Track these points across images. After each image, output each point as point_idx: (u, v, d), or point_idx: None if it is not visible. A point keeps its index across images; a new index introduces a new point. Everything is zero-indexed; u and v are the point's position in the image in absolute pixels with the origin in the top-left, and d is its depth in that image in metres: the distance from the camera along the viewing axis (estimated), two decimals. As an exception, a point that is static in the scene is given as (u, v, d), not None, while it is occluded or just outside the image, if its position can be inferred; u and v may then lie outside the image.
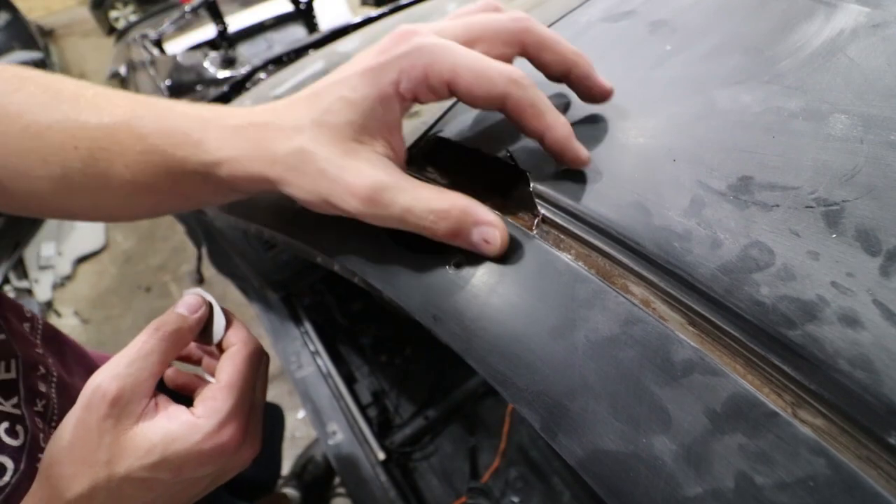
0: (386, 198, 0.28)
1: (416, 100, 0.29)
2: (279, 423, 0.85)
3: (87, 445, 0.29)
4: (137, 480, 0.29)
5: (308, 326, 1.11)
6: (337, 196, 0.28)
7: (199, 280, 2.15)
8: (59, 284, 2.43)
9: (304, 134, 0.28)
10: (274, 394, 1.65)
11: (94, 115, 0.31)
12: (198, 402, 0.32)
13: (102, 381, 0.29)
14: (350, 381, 1.11)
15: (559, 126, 0.29)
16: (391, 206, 0.28)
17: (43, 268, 2.46)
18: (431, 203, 0.28)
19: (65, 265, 2.48)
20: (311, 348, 1.08)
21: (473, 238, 0.29)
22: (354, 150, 0.28)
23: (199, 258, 2.01)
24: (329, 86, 0.29)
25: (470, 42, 0.29)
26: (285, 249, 0.95)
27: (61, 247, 2.55)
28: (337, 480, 1.39)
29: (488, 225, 0.29)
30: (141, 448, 0.29)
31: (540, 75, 0.33)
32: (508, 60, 0.30)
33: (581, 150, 0.30)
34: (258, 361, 0.35)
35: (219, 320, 0.35)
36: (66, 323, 2.24)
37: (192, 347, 0.40)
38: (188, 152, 0.31)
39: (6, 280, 2.38)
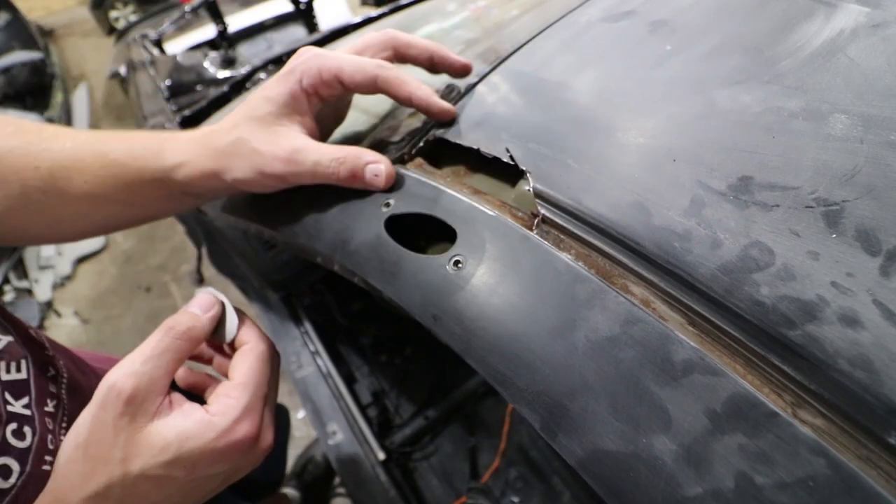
0: (300, 157, 0.36)
1: (318, 94, 0.37)
2: (284, 424, 0.85)
3: (103, 443, 0.29)
4: (152, 478, 0.29)
5: (308, 326, 1.11)
6: (267, 164, 0.36)
7: (199, 280, 2.15)
8: (59, 284, 2.42)
9: (238, 128, 0.37)
10: (274, 394, 1.65)
11: (56, 143, 0.37)
12: (212, 399, 0.32)
13: (118, 380, 0.29)
14: (350, 381, 1.11)
15: (421, 90, 0.37)
16: (305, 163, 0.36)
17: (43, 268, 2.45)
18: (332, 153, 0.36)
19: (65, 265, 2.48)
20: (311, 348, 1.08)
21: (367, 176, 0.36)
22: (276, 131, 0.37)
23: (199, 258, 2.01)
24: (255, 93, 0.38)
25: (356, 53, 0.38)
26: (285, 249, 0.95)
27: (61, 247, 2.55)
28: (337, 480, 1.38)
29: (375, 162, 0.36)
30: (156, 446, 0.29)
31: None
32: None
33: (443, 103, 0.38)
34: (271, 359, 0.35)
35: (231, 319, 0.35)
36: (66, 323, 2.23)
37: (203, 347, 0.40)
38: (148, 162, 0.37)
39: (6, 280, 2.38)
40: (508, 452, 1.06)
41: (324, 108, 0.40)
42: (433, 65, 0.40)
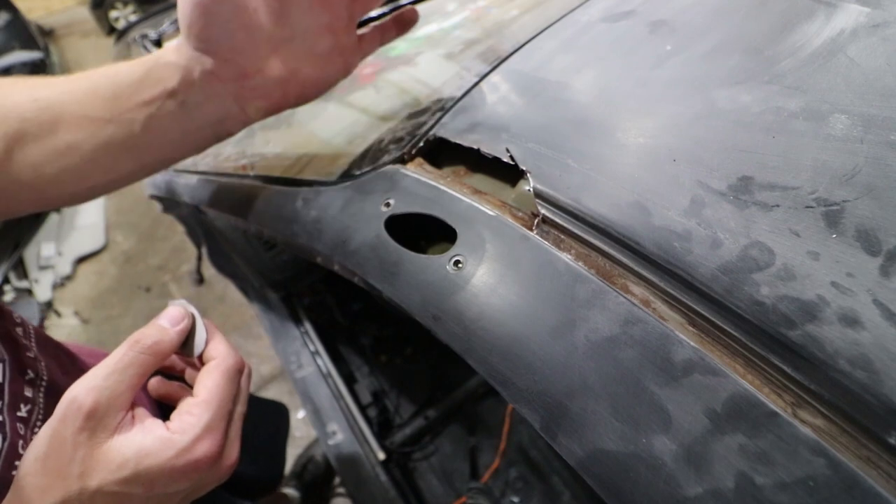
0: None
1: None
2: (284, 422, 0.85)
3: (61, 458, 0.28)
4: (110, 494, 0.29)
5: (308, 326, 1.11)
6: None
7: (200, 280, 2.15)
8: (59, 284, 2.42)
9: None
10: (274, 394, 1.65)
11: (52, 82, 0.37)
12: (174, 416, 0.32)
13: (78, 394, 0.29)
14: (350, 381, 1.11)
15: None
16: None
17: (43, 268, 2.45)
18: None
19: (65, 265, 2.47)
20: (311, 348, 1.08)
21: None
22: None
23: (199, 258, 2.01)
24: None
25: None
26: (285, 249, 0.95)
27: (61, 247, 2.55)
28: (337, 480, 1.38)
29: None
30: (114, 462, 0.29)
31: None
32: None
33: None
34: (237, 376, 0.35)
35: (200, 333, 0.35)
36: (66, 323, 2.23)
37: (175, 359, 0.40)
38: (145, 73, 0.37)
39: (6, 280, 2.38)
40: (508, 452, 1.06)
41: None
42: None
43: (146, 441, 0.29)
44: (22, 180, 0.37)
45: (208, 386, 0.33)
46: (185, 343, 0.35)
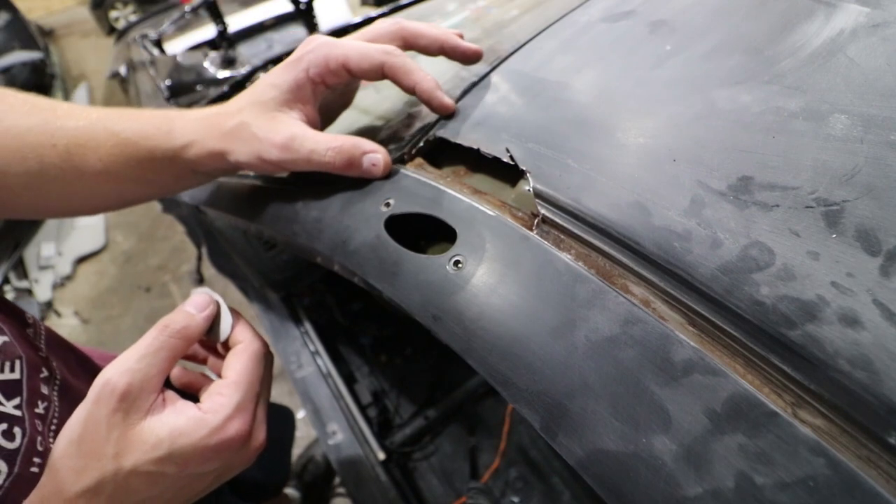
0: (296, 144, 0.36)
1: (325, 82, 0.38)
2: (289, 426, 0.85)
3: (96, 439, 0.29)
4: (144, 474, 0.29)
5: (308, 326, 1.11)
6: (264, 150, 0.37)
7: (199, 280, 2.15)
8: (59, 284, 2.42)
9: (243, 112, 0.38)
10: (274, 394, 1.65)
11: (70, 120, 0.37)
12: (205, 397, 0.32)
13: (112, 376, 0.30)
14: (350, 381, 1.11)
15: (426, 81, 0.38)
16: (300, 150, 0.36)
17: (43, 268, 2.45)
18: (329, 143, 0.36)
19: (65, 265, 2.48)
20: (311, 348, 1.08)
21: (364, 165, 0.37)
22: (276, 117, 0.37)
23: (199, 258, 2.01)
24: (263, 77, 0.39)
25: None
26: (285, 249, 0.95)
27: (61, 247, 2.55)
28: (337, 480, 1.38)
29: (373, 152, 0.37)
30: (148, 442, 0.29)
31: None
32: None
33: (445, 98, 0.39)
34: (264, 359, 0.36)
35: (226, 319, 0.36)
36: (66, 323, 2.23)
37: (198, 348, 0.40)
38: (158, 141, 0.38)
39: (6, 280, 2.38)
40: (508, 452, 1.06)
41: (331, 93, 0.40)
42: (444, 53, 0.40)
43: (179, 421, 0.30)
44: (28, 210, 0.39)
45: (237, 368, 0.33)
46: (211, 329, 0.36)
